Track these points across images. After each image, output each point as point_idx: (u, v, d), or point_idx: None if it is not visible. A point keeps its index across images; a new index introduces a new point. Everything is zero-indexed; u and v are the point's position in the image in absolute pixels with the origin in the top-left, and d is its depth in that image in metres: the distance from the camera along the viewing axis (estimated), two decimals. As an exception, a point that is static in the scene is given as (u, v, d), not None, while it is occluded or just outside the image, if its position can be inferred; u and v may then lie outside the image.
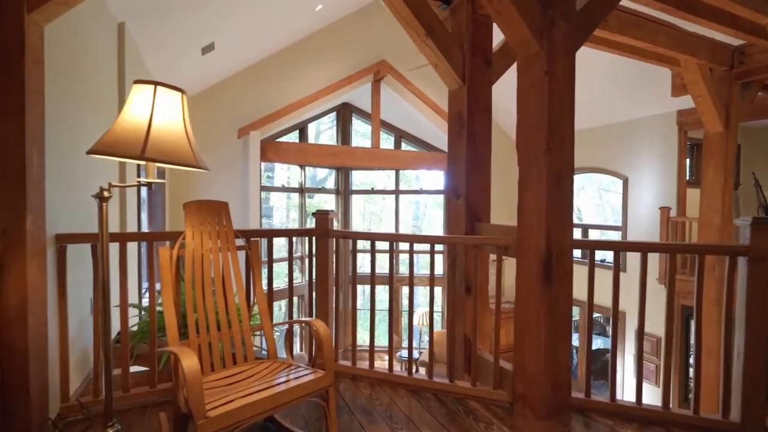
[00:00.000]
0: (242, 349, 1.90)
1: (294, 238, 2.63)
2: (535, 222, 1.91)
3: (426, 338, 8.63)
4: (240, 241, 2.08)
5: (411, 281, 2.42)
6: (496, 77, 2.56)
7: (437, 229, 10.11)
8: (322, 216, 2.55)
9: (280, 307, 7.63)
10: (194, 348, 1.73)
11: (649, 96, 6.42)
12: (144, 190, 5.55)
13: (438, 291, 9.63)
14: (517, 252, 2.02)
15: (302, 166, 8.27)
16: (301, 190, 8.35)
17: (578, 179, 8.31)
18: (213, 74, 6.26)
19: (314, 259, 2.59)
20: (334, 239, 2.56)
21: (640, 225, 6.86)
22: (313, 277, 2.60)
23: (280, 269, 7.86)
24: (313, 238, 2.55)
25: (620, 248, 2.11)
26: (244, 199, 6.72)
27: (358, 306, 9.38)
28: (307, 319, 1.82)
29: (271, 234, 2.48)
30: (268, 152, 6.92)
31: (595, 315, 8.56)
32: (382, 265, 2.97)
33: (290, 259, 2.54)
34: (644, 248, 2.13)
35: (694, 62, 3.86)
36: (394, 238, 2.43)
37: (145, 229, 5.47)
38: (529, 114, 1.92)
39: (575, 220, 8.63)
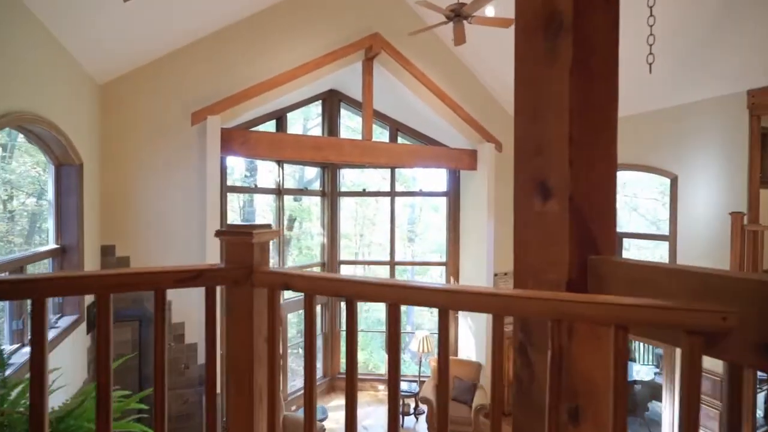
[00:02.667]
0: None
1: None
2: None
3: (430, 365, 7.21)
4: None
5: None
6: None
7: (435, 233, 8.77)
8: (239, 240, 1.14)
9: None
10: None
11: (707, 73, 5.09)
12: (49, 188, 4.12)
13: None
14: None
15: (279, 162, 6.86)
16: (279, 192, 6.93)
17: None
18: (158, 43, 4.84)
19: (218, 324, 1.19)
20: (266, 290, 1.16)
21: (695, 234, 5.51)
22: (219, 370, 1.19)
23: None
24: (218, 288, 1.15)
25: None
26: (202, 202, 5.30)
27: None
28: None
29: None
30: (232, 143, 5.49)
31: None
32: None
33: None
34: None
35: None
36: (389, 294, 1.04)
37: (52, 244, 4.04)
38: None
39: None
